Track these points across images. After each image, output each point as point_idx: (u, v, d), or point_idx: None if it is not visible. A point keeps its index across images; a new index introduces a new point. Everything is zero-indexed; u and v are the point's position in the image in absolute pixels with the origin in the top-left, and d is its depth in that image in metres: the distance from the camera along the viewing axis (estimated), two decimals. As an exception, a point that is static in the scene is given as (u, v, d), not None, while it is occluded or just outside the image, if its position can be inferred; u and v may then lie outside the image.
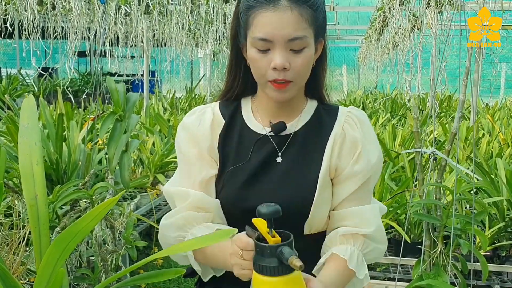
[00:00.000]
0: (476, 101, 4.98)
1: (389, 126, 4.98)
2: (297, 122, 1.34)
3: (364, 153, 1.30)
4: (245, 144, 1.33)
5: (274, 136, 1.32)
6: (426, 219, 1.13)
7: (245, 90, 1.39)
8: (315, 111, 1.37)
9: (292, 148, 1.32)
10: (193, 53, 10.24)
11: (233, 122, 1.36)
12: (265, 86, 1.26)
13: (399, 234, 2.95)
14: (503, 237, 2.82)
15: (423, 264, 1.13)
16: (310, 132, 1.34)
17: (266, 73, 1.22)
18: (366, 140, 1.32)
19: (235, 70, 1.36)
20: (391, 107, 7.90)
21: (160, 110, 6.46)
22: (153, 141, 4.42)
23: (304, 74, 1.25)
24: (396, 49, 8.46)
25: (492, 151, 4.08)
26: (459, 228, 1.12)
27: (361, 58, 14.17)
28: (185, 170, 1.34)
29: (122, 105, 1.20)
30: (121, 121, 1.20)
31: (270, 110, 1.35)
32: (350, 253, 1.26)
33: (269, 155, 1.31)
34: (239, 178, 1.29)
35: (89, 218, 0.70)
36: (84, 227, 0.71)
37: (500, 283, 2.71)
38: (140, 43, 5.89)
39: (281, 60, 1.18)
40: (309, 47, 1.22)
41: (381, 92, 11.02)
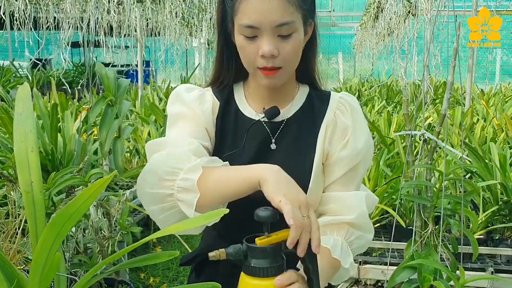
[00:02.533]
0: (470, 87, 5.00)
1: (384, 113, 4.99)
2: (290, 109, 1.34)
3: (352, 139, 1.29)
4: (240, 130, 1.32)
5: (267, 122, 1.32)
6: (416, 200, 1.14)
7: (238, 76, 1.37)
8: (307, 97, 1.36)
9: (286, 135, 1.31)
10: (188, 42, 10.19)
11: (228, 107, 1.35)
12: (255, 73, 1.24)
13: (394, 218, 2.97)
14: (496, 220, 2.85)
15: (415, 245, 1.14)
16: (303, 119, 1.33)
17: (255, 60, 1.20)
18: (356, 127, 1.31)
19: (228, 57, 1.34)
20: (387, 94, 7.90)
21: (155, 100, 6.44)
22: (148, 130, 4.42)
23: (294, 60, 1.23)
24: (391, 36, 8.44)
25: (487, 136, 4.09)
26: (449, 209, 1.13)
27: (356, 45, 14.14)
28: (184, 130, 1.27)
29: (113, 91, 1.20)
30: (112, 106, 1.20)
31: (263, 97, 1.34)
32: (333, 242, 1.24)
33: (263, 141, 1.30)
34: (235, 164, 1.28)
35: (83, 198, 0.70)
36: (79, 208, 0.71)
37: (493, 266, 2.74)
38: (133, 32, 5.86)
39: (269, 47, 1.16)
40: (298, 31, 1.19)
41: (377, 80, 11.01)
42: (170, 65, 13.98)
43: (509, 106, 5.66)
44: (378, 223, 3.11)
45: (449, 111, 5.60)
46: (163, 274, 3.79)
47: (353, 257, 1.26)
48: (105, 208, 1.25)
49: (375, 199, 1.36)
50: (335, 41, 18.55)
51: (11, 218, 1.57)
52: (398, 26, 6.70)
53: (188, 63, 15.68)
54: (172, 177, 1.09)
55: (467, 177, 3.14)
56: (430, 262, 1.07)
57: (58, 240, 0.80)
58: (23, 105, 0.95)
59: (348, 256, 1.25)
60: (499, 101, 6.29)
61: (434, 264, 1.07)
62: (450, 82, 1.13)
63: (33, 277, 0.84)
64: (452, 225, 1.17)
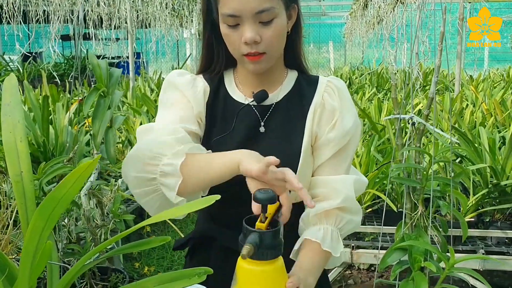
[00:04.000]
0: (459, 73, 5.04)
1: (375, 100, 5.02)
2: (279, 93, 1.36)
3: (339, 120, 1.31)
4: (229, 114, 1.34)
5: (256, 106, 1.34)
6: (406, 182, 1.16)
7: (228, 63, 1.39)
8: (295, 81, 1.38)
9: (274, 118, 1.33)
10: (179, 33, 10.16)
11: (218, 92, 1.37)
12: (241, 60, 1.27)
13: (386, 204, 3.00)
14: (486, 203, 2.88)
15: (405, 227, 1.16)
16: (292, 102, 1.35)
17: (239, 47, 1.23)
18: (343, 109, 1.32)
19: (216, 45, 1.36)
20: (377, 82, 7.93)
21: (146, 91, 6.43)
22: (140, 121, 4.42)
23: (277, 45, 1.25)
24: (380, 24, 8.45)
25: (476, 121, 4.13)
26: (438, 191, 1.15)
27: (347, 34, 14.13)
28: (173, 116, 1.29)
29: (105, 81, 1.21)
30: (105, 97, 1.20)
31: (251, 82, 1.36)
32: (322, 234, 1.26)
33: (252, 124, 1.32)
34: (224, 147, 1.29)
35: (70, 182, 0.69)
36: (67, 193, 0.71)
37: (484, 247, 2.78)
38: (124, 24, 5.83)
39: (251, 34, 1.18)
40: (279, 16, 1.21)
41: (367, 68, 11.03)
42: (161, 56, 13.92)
43: (497, 91, 5.69)
44: (370, 208, 3.14)
45: (438, 97, 5.64)
46: (158, 263, 3.82)
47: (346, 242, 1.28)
48: (97, 197, 1.26)
49: (364, 182, 1.37)
50: (325, 30, 18.53)
51: (3, 209, 1.58)
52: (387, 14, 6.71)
53: (180, 54, 15.61)
54: (155, 161, 1.12)
55: (457, 162, 3.17)
56: (421, 243, 1.09)
57: (48, 227, 0.80)
58: (10, 95, 0.95)
59: (338, 245, 1.28)
60: (488, 87, 6.33)
61: (424, 245, 1.09)
62: (437, 65, 1.15)
63: (24, 265, 0.83)
64: (442, 206, 1.19)
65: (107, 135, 1.22)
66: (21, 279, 0.84)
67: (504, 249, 2.79)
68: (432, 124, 1.12)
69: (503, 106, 4.45)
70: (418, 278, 1.04)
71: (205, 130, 1.34)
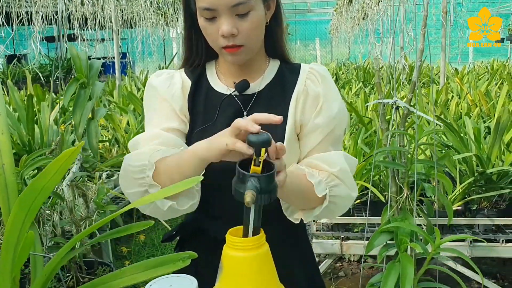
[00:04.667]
0: (444, 65, 5.07)
1: (361, 94, 5.04)
2: (261, 82, 1.35)
3: (325, 106, 1.30)
4: (212, 105, 1.34)
5: (238, 96, 1.34)
6: (391, 166, 1.17)
7: (209, 55, 1.39)
8: (278, 70, 1.38)
9: (257, 107, 1.33)
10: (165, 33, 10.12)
11: (199, 84, 1.37)
12: (220, 52, 1.27)
13: (375, 195, 3.01)
14: (473, 191, 2.90)
15: (391, 210, 1.17)
16: (274, 91, 1.35)
17: (217, 40, 1.23)
18: (327, 94, 1.32)
19: (197, 39, 1.36)
20: (364, 77, 7.96)
21: (133, 89, 6.40)
22: (127, 120, 4.41)
23: (255, 37, 1.25)
24: (366, 19, 8.48)
25: (461, 111, 4.16)
26: (423, 173, 1.16)
27: (332, 30, 14.17)
28: (155, 121, 1.33)
29: (85, 72, 1.20)
30: (85, 88, 1.20)
31: (233, 72, 1.36)
32: (311, 172, 1.23)
33: (235, 114, 1.32)
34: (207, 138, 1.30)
35: (52, 170, 0.68)
36: (48, 182, 0.70)
37: (472, 235, 2.80)
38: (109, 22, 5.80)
39: (227, 27, 1.18)
40: (256, 8, 1.21)
41: (353, 63, 11.07)
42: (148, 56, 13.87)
43: (482, 83, 5.74)
44: (358, 199, 3.15)
45: (424, 90, 5.68)
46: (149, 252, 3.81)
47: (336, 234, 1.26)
48: (81, 189, 1.25)
49: (354, 160, 1.34)
50: (311, 27, 18.56)
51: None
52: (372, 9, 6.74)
53: (166, 53, 15.57)
54: (142, 175, 1.16)
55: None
56: (406, 225, 1.09)
57: (30, 217, 0.78)
58: (-10, 89, 0.94)
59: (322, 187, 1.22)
60: (473, 79, 6.38)
61: (410, 226, 1.09)
62: (420, 50, 1.16)
63: (5, 256, 0.82)
64: (427, 189, 1.20)
65: (89, 127, 1.21)
66: (3, 270, 0.83)
67: (492, 236, 2.82)
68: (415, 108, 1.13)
69: (487, 97, 4.49)
70: (404, 259, 1.05)
71: (190, 121, 1.35)
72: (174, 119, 1.32)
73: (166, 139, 1.26)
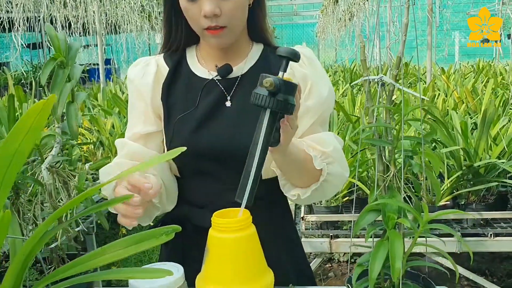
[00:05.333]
0: (430, 64, 5.10)
1: (348, 93, 5.04)
2: (244, 65, 1.33)
3: (315, 88, 1.29)
4: (193, 91, 1.32)
5: (221, 80, 1.31)
6: (377, 143, 1.15)
7: (189, 39, 1.37)
8: (261, 53, 1.37)
9: (241, 91, 1.30)
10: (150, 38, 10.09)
11: (178, 70, 1.35)
12: (202, 34, 1.25)
13: (363, 192, 3.00)
14: (461, 186, 2.90)
15: (378, 190, 1.15)
16: (258, 74, 1.33)
17: (199, 21, 1.21)
18: (316, 76, 1.30)
19: (176, 21, 1.34)
20: (351, 78, 7.97)
21: (117, 92, 6.34)
22: (112, 122, 4.35)
23: (238, 18, 1.23)
24: (352, 20, 8.52)
25: (448, 108, 4.17)
26: (410, 150, 1.14)
27: (319, 32, 14.22)
28: (130, 121, 1.35)
29: (63, 52, 1.17)
30: (64, 68, 1.17)
31: (214, 56, 1.34)
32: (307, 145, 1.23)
33: (217, 99, 1.30)
34: (189, 124, 1.28)
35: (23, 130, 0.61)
36: (21, 145, 0.61)
37: (460, 230, 2.79)
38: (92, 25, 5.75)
39: (210, 7, 1.16)
40: None
41: (340, 66, 11.11)
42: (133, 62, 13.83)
43: (468, 81, 5.77)
44: (347, 197, 3.14)
45: (411, 89, 5.69)
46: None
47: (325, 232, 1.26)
48: (62, 176, 1.21)
49: (341, 140, 1.33)
50: (298, 31, 18.64)
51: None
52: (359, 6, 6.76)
53: (152, 59, 15.50)
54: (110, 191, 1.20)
55: (431, 147, 3.19)
56: (394, 202, 1.07)
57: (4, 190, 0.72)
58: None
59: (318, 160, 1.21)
60: (459, 77, 6.42)
61: (398, 203, 1.07)
62: (404, 24, 1.14)
63: None
64: (414, 165, 1.18)
65: (68, 109, 1.18)
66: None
67: (480, 231, 2.81)
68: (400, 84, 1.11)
69: (474, 94, 4.51)
70: (393, 235, 1.02)
71: (165, 110, 1.33)
72: (150, 122, 1.32)
73: (130, 151, 1.28)
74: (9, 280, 0.73)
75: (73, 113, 1.13)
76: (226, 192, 1.24)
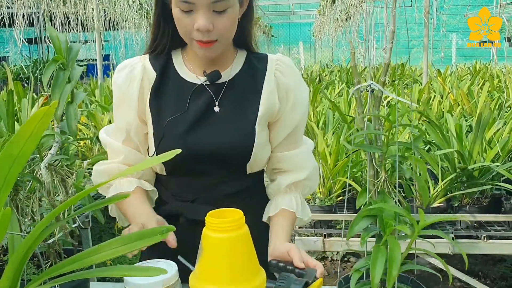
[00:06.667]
0: (426, 65, 5.12)
1: (344, 93, 5.07)
2: (230, 71, 1.38)
3: (297, 98, 1.37)
4: (182, 95, 1.35)
5: (209, 85, 1.35)
6: (367, 149, 1.17)
7: (175, 42, 1.39)
8: (245, 59, 1.42)
9: (228, 95, 1.35)
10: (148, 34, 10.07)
11: (166, 74, 1.38)
12: (191, 44, 1.28)
13: (357, 192, 3.02)
14: (455, 188, 2.92)
15: (369, 194, 1.17)
16: (244, 79, 1.38)
17: (190, 32, 1.24)
18: (296, 84, 1.39)
19: (164, 25, 1.36)
20: (347, 78, 7.99)
21: (115, 89, 6.35)
22: (108, 118, 4.36)
23: (229, 33, 1.27)
24: (348, 21, 8.54)
25: (443, 110, 4.19)
26: (400, 156, 1.16)
27: (316, 32, 14.23)
28: (119, 124, 1.38)
29: (64, 54, 1.19)
30: (64, 70, 1.19)
31: (202, 62, 1.38)
32: (295, 203, 1.37)
33: (206, 104, 1.34)
34: (180, 126, 1.31)
35: (25, 135, 0.63)
36: (23, 148, 0.65)
37: (454, 232, 2.81)
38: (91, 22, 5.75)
39: (204, 23, 1.19)
40: (233, 6, 1.23)
41: (337, 65, 11.13)
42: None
43: (464, 83, 5.80)
44: (340, 196, 3.16)
45: (407, 90, 5.71)
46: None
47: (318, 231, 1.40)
48: (60, 174, 1.23)
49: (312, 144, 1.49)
50: (295, 30, 18.66)
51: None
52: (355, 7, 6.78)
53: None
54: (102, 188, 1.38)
55: (426, 149, 3.21)
56: (390, 207, 1.09)
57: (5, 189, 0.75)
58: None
59: (306, 210, 1.42)
60: (455, 80, 6.44)
61: (394, 208, 1.09)
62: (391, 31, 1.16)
63: None
64: (405, 170, 1.20)
65: (68, 110, 1.20)
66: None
67: (473, 233, 2.83)
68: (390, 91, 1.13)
69: (469, 96, 4.53)
70: (392, 243, 1.04)
71: (153, 114, 1.36)
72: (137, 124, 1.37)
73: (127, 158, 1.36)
74: (8, 275, 0.75)
75: (73, 114, 1.15)
76: (217, 185, 1.32)
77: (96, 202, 0.78)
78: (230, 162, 1.33)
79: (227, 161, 1.32)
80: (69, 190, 1.24)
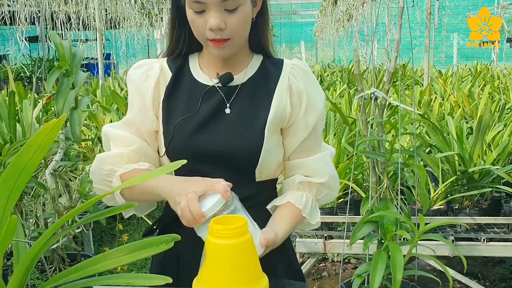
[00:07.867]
0: (428, 66, 5.12)
1: (345, 95, 5.07)
2: (244, 75, 1.39)
3: (311, 102, 1.36)
4: (194, 96, 1.36)
5: (222, 87, 1.36)
6: (371, 155, 1.18)
7: (192, 47, 1.41)
8: (261, 64, 1.42)
9: (240, 99, 1.36)
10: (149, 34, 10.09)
11: (181, 75, 1.39)
12: (206, 44, 1.30)
13: (358, 194, 3.03)
14: (455, 191, 2.93)
15: (371, 201, 1.18)
16: (257, 84, 1.38)
17: (204, 32, 1.26)
18: (311, 89, 1.37)
19: (180, 29, 1.38)
20: (348, 79, 8.00)
21: (116, 89, 6.36)
22: (110, 119, 4.38)
23: (241, 32, 1.28)
24: (350, 21, 8.54)
25: (444, 112, 4.20)
26: (402, 163, 1.17)
27: (317, 32, 14.23)
28: (131, 118, 1.37)
29: (68, 60, 1.20)
30: (68, 76, 1.19)
31: (217, 64, 1.39)
32: (304, 201, 1.34)
33: (217, 106, 1.35)
34: (190, 127, 1.32)
35: (34, 146, 0.66)
36: (31, 159, 0.68)
37: (454, 234, 2.82)
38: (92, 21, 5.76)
39: (215, 21, 1.21)
40: (244, 5, 1.24)
41: (338, 66, 11.14)
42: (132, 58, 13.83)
43: (465, 84, 5.80)
44: (342, 198, 3.17)
45: (408, 91, 5.72)
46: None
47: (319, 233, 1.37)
48: (64, 179, 1.24)
49: (333, 152, 1.46)
50: (296, 30, 18.65)
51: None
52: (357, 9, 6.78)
53: (150, 54, 15.50)
54: (109, 178, 1.28)
55: (427, 151, 3.22)
56: (391, 214, 1.10)
57: (13, 198, 0.76)
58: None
59: (316, 214, 1.37)
60: (456, 81, 6.44)
61: (394, 215, 1.10)
62: (397, 40, 1.17)
63: None
64: (407, 178, 1.21)
65: (72, 116, 1.21)
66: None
67: (473, 235, 2.84)
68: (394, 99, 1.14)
69: (470, 98, 4.54)
70: (393, 247, 1.06)
71: (164, 113, 1.37)
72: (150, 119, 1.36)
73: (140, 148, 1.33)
74: (14, 283, 0.76)
75: (76, 120, 1.16)
76: None
77: (101, 212, 0.79)
78: (238, 166, 1.32)
79: (234, 164, 1.31)
80: (72, 195, 1.25)
